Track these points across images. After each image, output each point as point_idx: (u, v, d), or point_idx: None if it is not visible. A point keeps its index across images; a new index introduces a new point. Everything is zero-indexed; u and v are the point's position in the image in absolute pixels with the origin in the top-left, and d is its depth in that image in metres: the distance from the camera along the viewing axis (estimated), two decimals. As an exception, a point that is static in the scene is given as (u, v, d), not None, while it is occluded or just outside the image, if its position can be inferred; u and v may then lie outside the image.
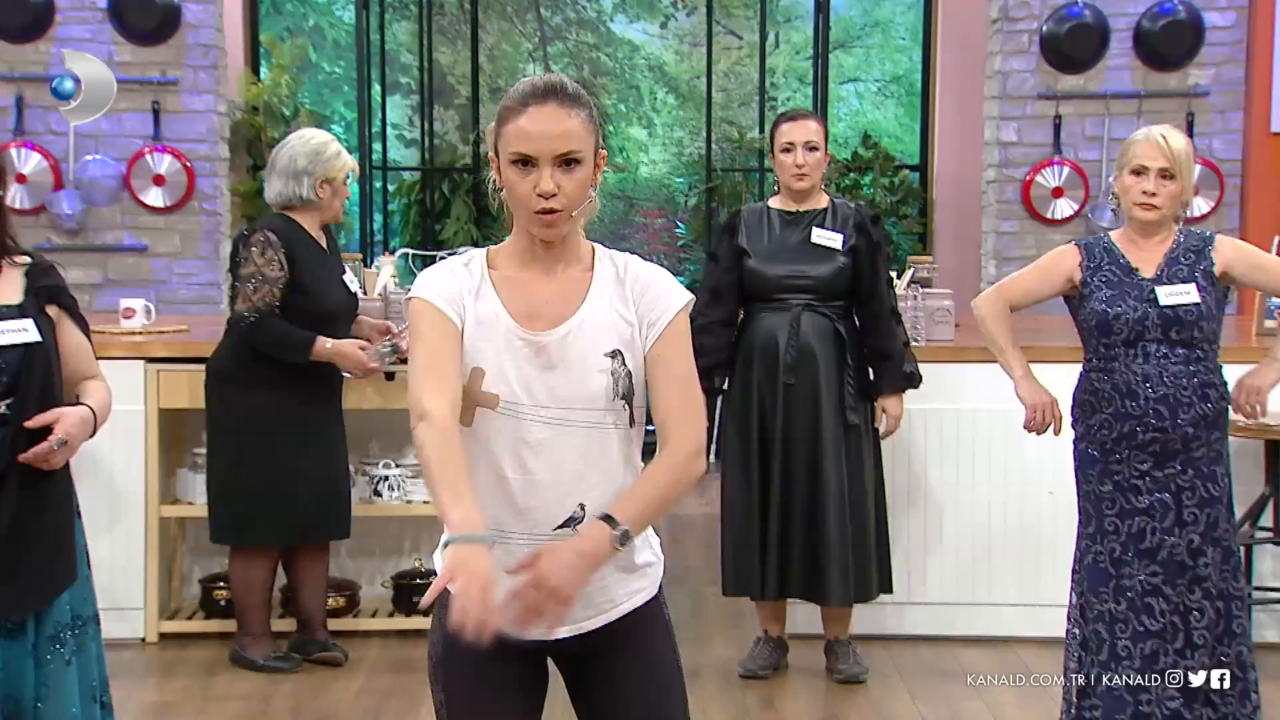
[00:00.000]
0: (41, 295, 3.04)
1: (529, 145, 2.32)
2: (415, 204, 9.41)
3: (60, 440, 2.92)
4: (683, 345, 2.37)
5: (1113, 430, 3.84)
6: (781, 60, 10.20)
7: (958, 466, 5.33)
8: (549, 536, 2.32)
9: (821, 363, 4.67)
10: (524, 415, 2.32)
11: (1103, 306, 3.84)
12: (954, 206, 9.15)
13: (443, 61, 9.86)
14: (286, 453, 4.79)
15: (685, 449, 2.32)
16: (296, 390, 4.79)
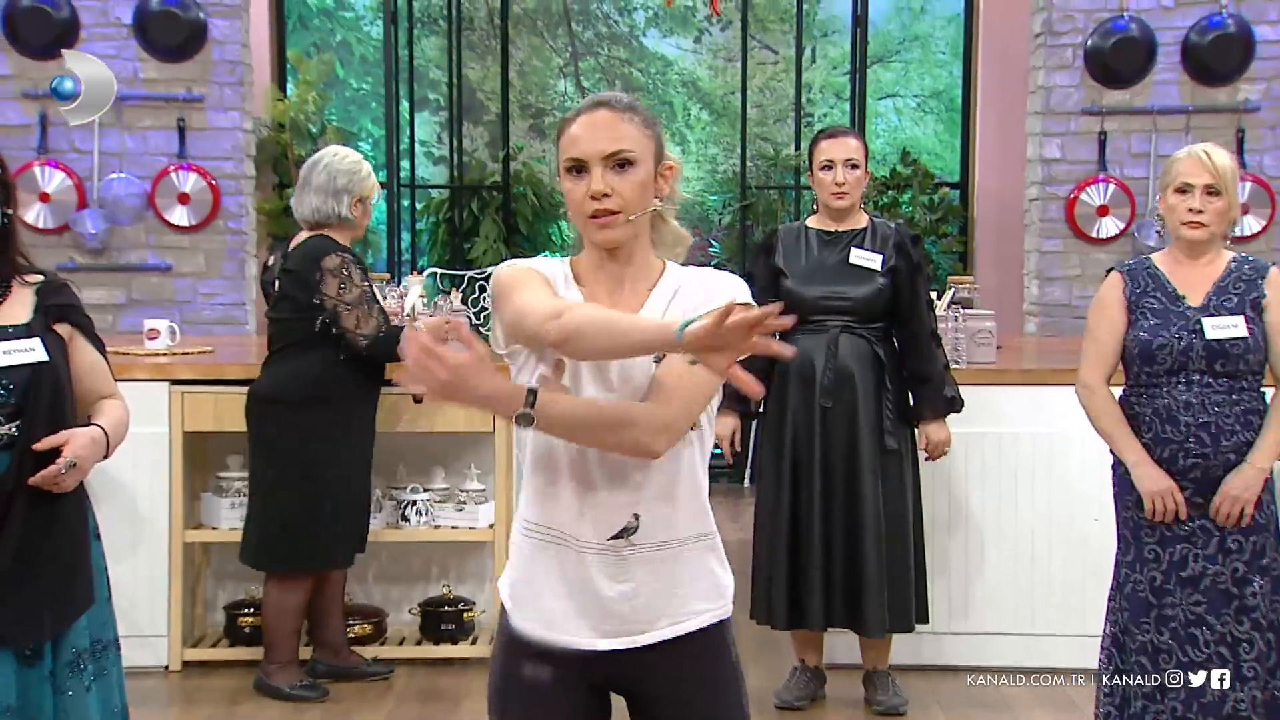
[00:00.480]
0: (51, 314, 3.05)
1: (578, 148, 2.36)
2: (444, 223, 9.46)
3: (69, 462, 2.93)
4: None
5: (1152, 455, 3.82)
6: (818, 75, 10.22)
7: (999, 492, 5.32)
8: (599, 547, 2.35)
9: (860, 386, 4.67)
10: None
11: (1146, 335, 3.82)
12: (995, 225, 9.13)
13: (472, 77, 9.92)
14: (337, 476, 4.87)
15: (645, 416, 2.27)
16: (350, 413, 4.90)
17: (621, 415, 2.27)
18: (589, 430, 2.27)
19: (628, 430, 2.26)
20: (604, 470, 2.34)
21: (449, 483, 5.50)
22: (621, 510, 2.34)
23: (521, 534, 2.43)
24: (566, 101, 10.08)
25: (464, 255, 9.22)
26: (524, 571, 2.42)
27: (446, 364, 2.15)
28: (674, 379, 2.30)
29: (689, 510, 2.40)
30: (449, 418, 5.27)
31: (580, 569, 2.36)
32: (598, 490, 2.35)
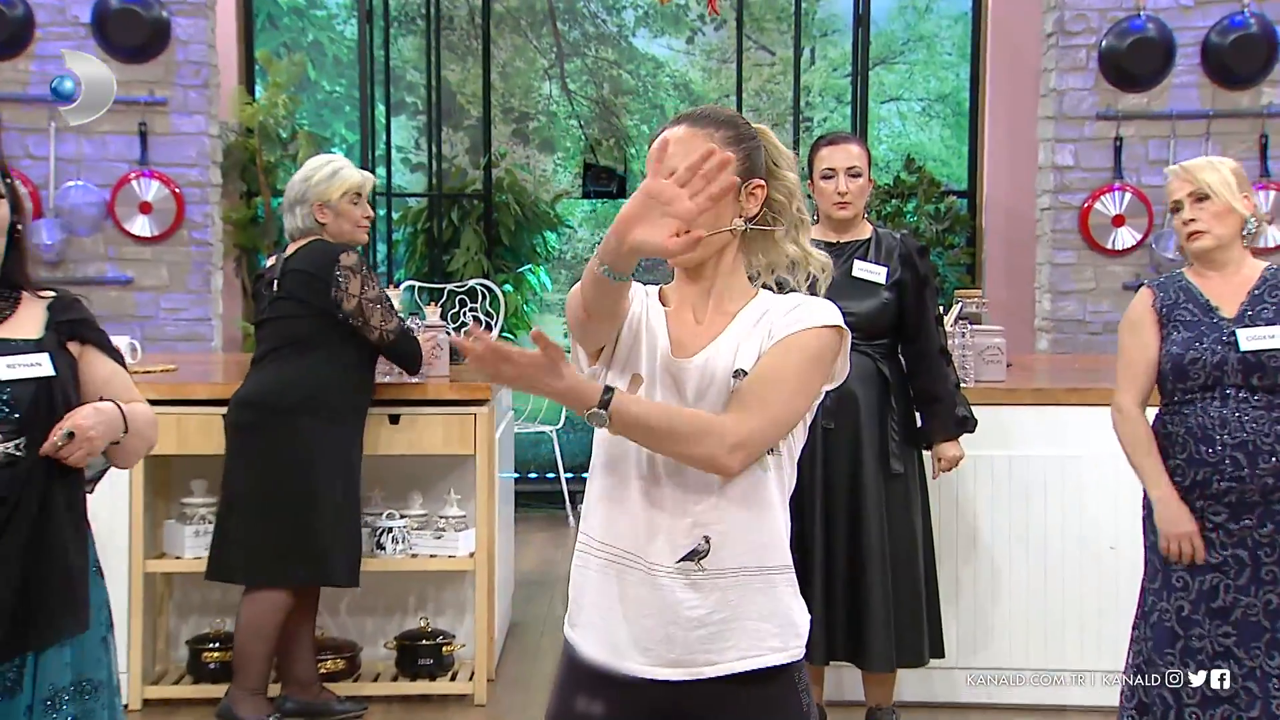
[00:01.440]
0: (63, 330, 3.07)
1: (652, 165, 2.38)
2: (422, 233, 9.46)
3: (66, 432, 2.90)
4: (796, 357, 2.37)
5: (1185, 477, 3.82)
6: (817, 78, 10.25)
7: (1010, 518, 5.32)
8: (668, 569, 2.37)
9: (863, 406, 4.67)
10: None
11: (1178, 350, 3.82)
12: (1005, 236, 9.16)
13: (452, 79, 9.93)
14: (330, 487, 4.92)
15: (722, 429, 2.31)
16: (344, 422, 4.97)
17: (699, 425, 2.31)
18: (663, 437, 2.31)
19: (703, 442, 2.30)
20: (676, 488, 2.38)
21: (427, 508, 5.49)
22: (692, 531, 2.38)
23: (584, 552, 2.46)
24: (551, 105, 10.10)
25: (443, 267, 9.22)
26: (586, 591, 2.46)
27: (516, 363, 2.23)
28: (758, 394, 2.34)
29: (763, 539, 2.42)
30: (427, 439, 5.26)
31: (646, 591, 2.39)
32: (668, 509, 2.38)
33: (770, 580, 2.44)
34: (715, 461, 2.31)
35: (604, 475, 2.43)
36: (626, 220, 2.15)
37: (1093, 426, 5.15)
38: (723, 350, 2.42)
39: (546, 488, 9.28)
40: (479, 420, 5.30)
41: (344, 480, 4.94)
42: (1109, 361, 6.33)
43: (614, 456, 2.41)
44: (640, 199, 2.15)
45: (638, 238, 2.15)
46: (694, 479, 2.37)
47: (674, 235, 2.14)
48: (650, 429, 2.30)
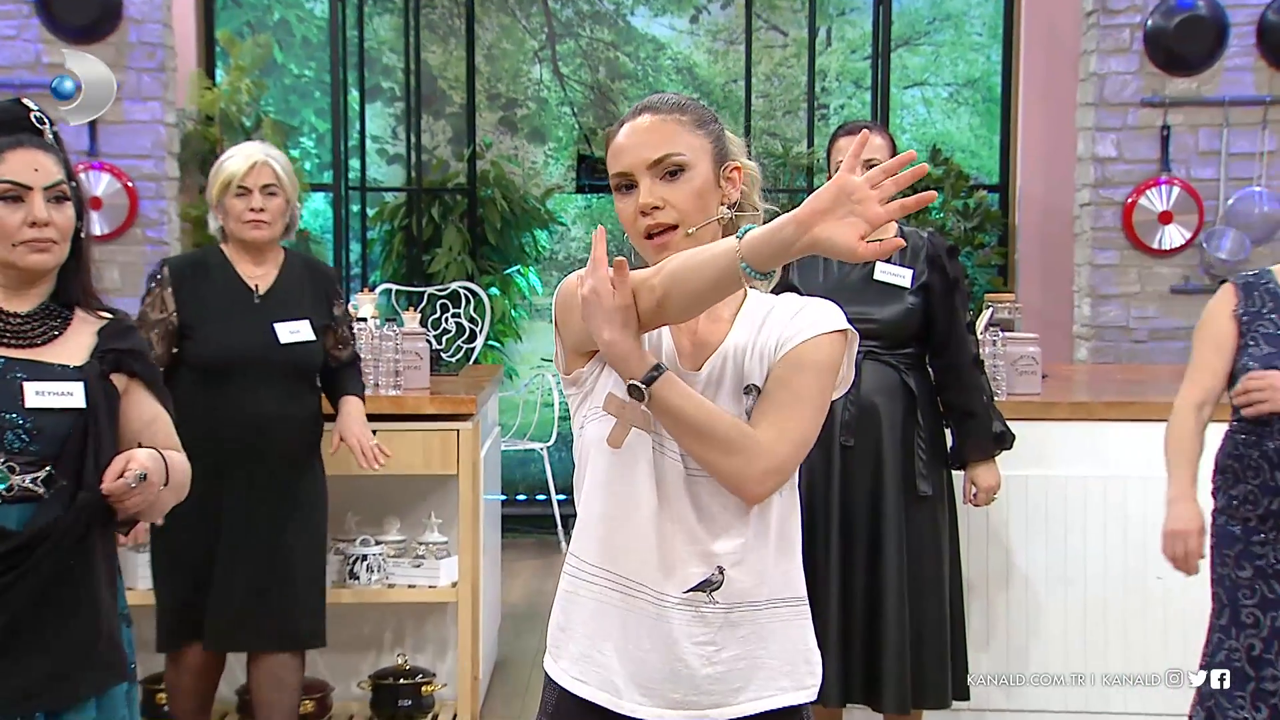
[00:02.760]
0: (108, 360, 3.01)
1: (622, 161, 2.44)
2: (399, 231, 9.46)
3: (140, 474, 2.83)
4: (813, 371, 2.39)
5: (1258, 505, 3.77)
6: (834, 61, 10.25)
7: (1046, 546, 5.32)
8: (677, 601, 2.37)
9: (885, 421, 4.66)
10: (668, 453, 2.39)
11: (1255, 364, 3.78)
12: (1040, 234, 9.16)
13: (432, 63, 9.93)
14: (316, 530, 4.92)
15: (756, 448, 2.33)
16: (318, 449, 4.92)
17: (737, 436, 2.33)
18: (696, 435, 2.32)
19: (736, 456, 2.32)
20: (690, 511, 2.39)
21: (405, 534, 5.49)
22: (705, 560, 2.38)
23: (577, 577, 2.46)
24: (542, 90, 10.11)
25: (423, 269, 9.22)
26: (578, 621, 2.45)
27: (603, 286, 2.28)
28: (786, 416, 2.36)
29: (779, 568, 2.44)
30: (404, 458, 5.26)
31: (649, 624, 2.39)
32: (680, 533, 2.38)
33: (786, 614, 2.44)
34: (742, 480, 2.33)
35: (605, 492, 2.43)
36: (815, 213, 2.13)
37: (1137, 444, 5.16)
38: (728, 361, 2.43)
39: (536, 511, 9.28)
40: (462, 437, 5.30)
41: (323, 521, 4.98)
42: (1154, 372, 6.34)
43: (618, 473, 2.41)
44: (833, 192, 2.13)
45: (826, 234, 2.12)
46: (710, 501, 2.38)
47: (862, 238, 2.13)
48: (686, 422, 2.32)
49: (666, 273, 2.29)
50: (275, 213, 4.78)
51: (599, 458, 2.43)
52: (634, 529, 2.39)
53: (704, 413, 2.32)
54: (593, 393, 2.45)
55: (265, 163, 4.78)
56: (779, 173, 9.62)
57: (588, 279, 2.29)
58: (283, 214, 4.81)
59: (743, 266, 2.19)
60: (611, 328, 2.28)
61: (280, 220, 4.80)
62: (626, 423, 2.39)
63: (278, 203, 4.78)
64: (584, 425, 2.47)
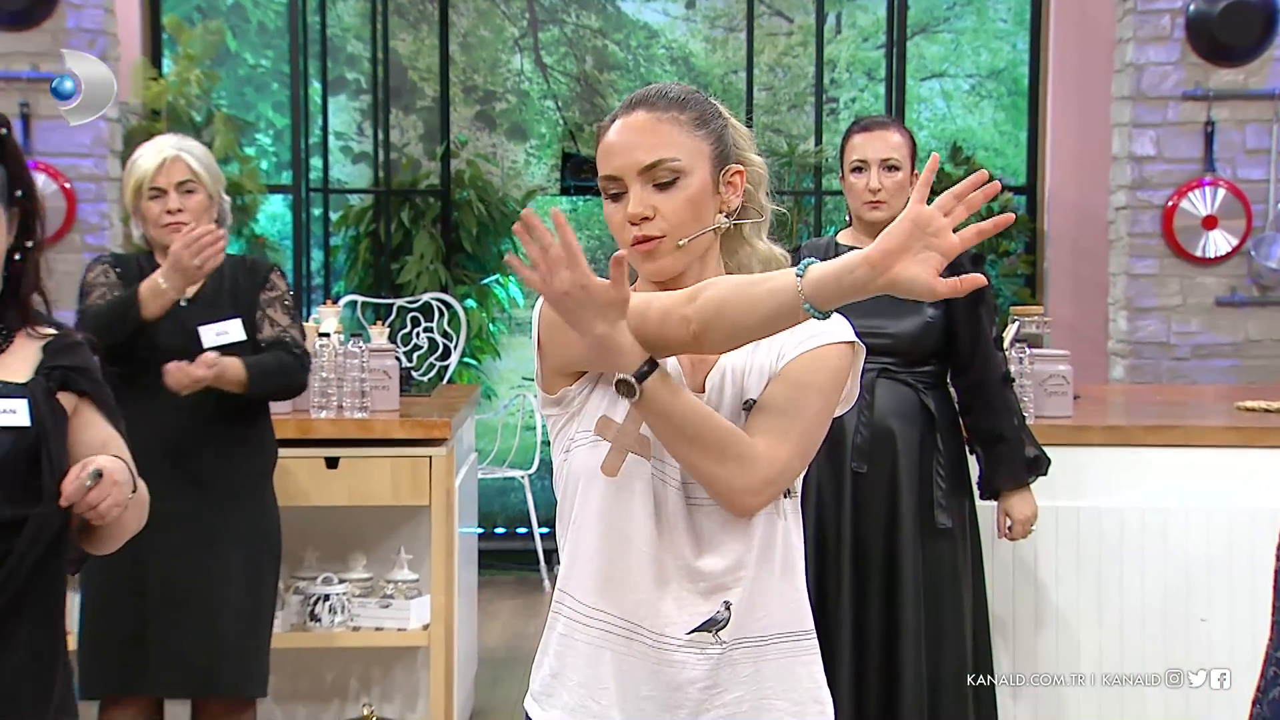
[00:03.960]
0: (54, 377, 3.01)
1: (611, 163, 2.45)
2: (365, 237, 9.46)
3: (95, 471, 2.79)
4: (816, 380, 2.41)
5: None
6: (844, 50, 10.27)
7: (1078, 583, 5.32)
8: (680, 643, 2.38)
9: (902, 446, 4.67)
10: (669, 481, 2.40)
11: None
12: (1072, 241, 9.18)
13: (402, 52, 9.95)
14: None
15: (753, 456, 2.34)
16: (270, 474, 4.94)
17: (731, 441, 2.34)
18: (689, 439, 2.33)
19: (730, 462, 2.33)
20: (692, 543, 2.40)
21: (371, 571, 5.49)
22: (710, 596, 2.39)
23: (571, 619, 2.46)
24: (523, 83, 10.12)
25: (391, 279, 9.22)
26: (572, 670, 2.45)
27: (581, 274, 2.24)
28: (783, 424, 2.38)
29: (785, 600, 2.46)
30: (371, 487, 5.26)
31: (648, 669, 2.40)
32: (681, 568, 2.39)
33: (795, 650, 2.46)
34: (735, 490, 2.34)
35: (596, 524, 2.43)
36: (889, 253, 2.16)
37: (1179, 472, 5.17)
38: (728, 377, 2.45)
39: (517, 545, 9.28)
40: (435, 464, 5.30)
41: None
42: (1198, 393, 6.35)
43: (613, 503, 2.41)
44: (906, 227, 2.17)
45: (905, 275, 2.17)
46: (714, 533, 2.39)
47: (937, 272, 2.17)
48: (679, 425, 2.32)
49: (707, 303, 2.29)
50: (195, 212, 4.73)
51: (591, 487, 2.43)
52: (632, 565, 2.40)
53: (697, 414, 2.33)
54: (580, 414, 2.45)
55: (177, 157, 4.74)
56: (784, 172, 9.61)
57: (564, 272, 2.25)
58: (205, 211, 4.75)
59: (805, 308, 2.22)
60: (605, 321, 2.26)
61: (203, 219, 4.73)
62: (622, 448, 2.40)
63: (197, 200, 4.74)
64: (570, 450, 2.46)
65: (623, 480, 2.39)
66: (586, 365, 2.44)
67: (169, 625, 4.67)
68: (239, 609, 4.76)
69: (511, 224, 9.47)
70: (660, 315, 2.32)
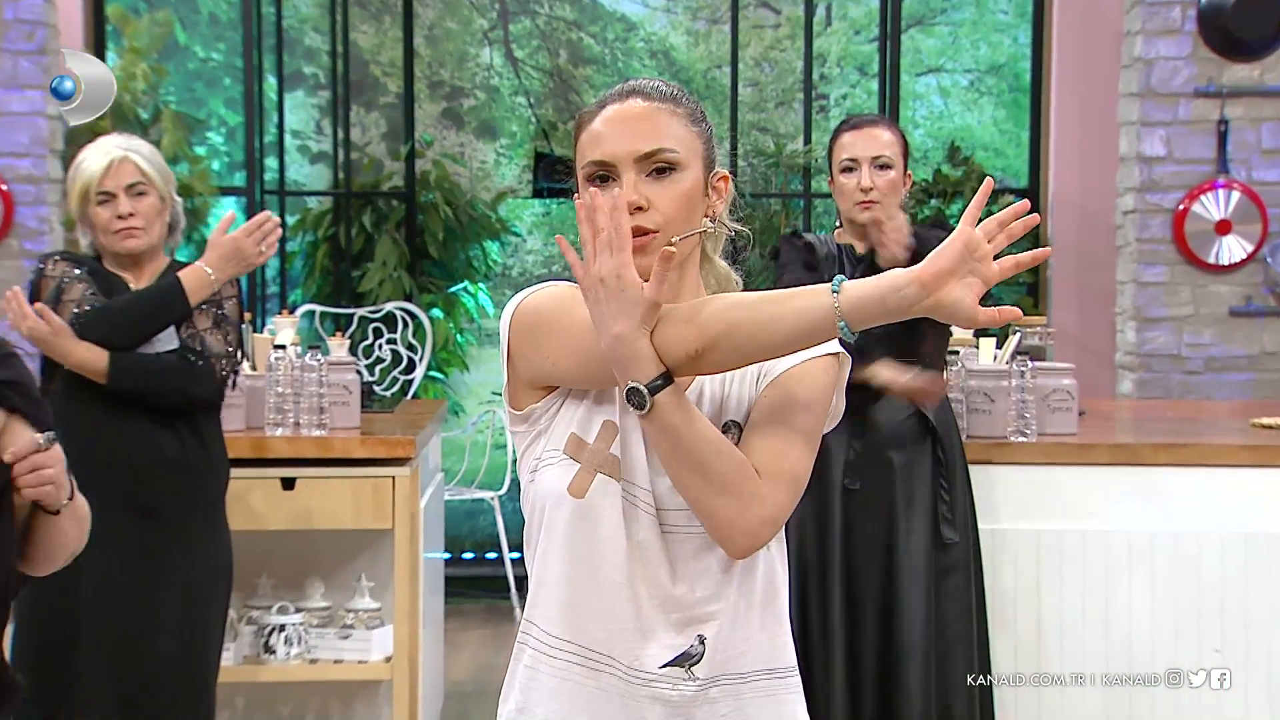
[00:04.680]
0: None
1: (603, 148, 2.44)
2: (324, 242, 9.45)
3: (51, 435, 2.87)
4: (805, 400, 2.41)
5: None
6: (835, 43, 10.29)
7: (1084, 612, 5.33)
8: (651, 677, 2.38)
9: (898, 458, 4.68)
10: (640, 504, 2.40)
11: None
12: (1077, 247, 9.19)
13: (363, 45, 9.94)
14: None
15: (756, 493, 2.33)
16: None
17: (739, 475, 2.33)
18: (694, 464, 2.32)
19: (732, 497, 2.32)
20: (666, 571, 2.39)
21: (330, 600, 5.47)
22: (684, 628, 2.39)
23: (537, 650, 2.46)
24: (492, 78, 10.12)
25: (352, 287, 9.22)
26: (538, 705, 2.45)
27: (614, 262, 2.27)
28: (779, 455, 2.37)
29: (767, 634, 2.45)
30: (330, 510, 5.25)
31: (620, 705, 2.40)
32: (655, 598, 2.39)
33: (776, 688, 2.45)
34: (733, 528, 2.33)
35: (566, 551, 2.42)
36: (941, 274, 2.20)
37: (1191, 493, 5.18)
38: (704, 393, 2.45)
39: (486, 571, 9.26)
40: (398, 485, 5.29)
41: None
42: (1211, 409, 6.36)
43: (581, 527, 2.41)
44: (958, 248, 2.21)
45: (951, 297, 2.20)
46: (689, 560, 2.39)
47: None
48: (687, 449, 2.31)
49: (713, 320, 2.29)
50: (148, 215, 4.73)
51: (558, 510, 2.42)
52: (601, 594, 2.39)
53: (709, 441, 2.32)
54: (548, 432, 2.45)
55: (125, 158, 4.73)
56: (770, 174, 9.63)
57: (605, 259, 2.27)
58: (158, 215, 4.75)
59: (841, 327, 2.23)
60: (628, 321, 2.27)
61: (157, 223, 4.74)
62: (591, 468, 2.40)
63: (148, 203, 4.73)
64: (537, 471, 2.46)
65: (591, 503, 2.39)
66: (565, 379, 2.43)
67: (101, 650, 4.65)
68: (181, 638, 4.74)
69: (480, 229, 9.49)
70: (657, 331, 2.31)
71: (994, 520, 5.22)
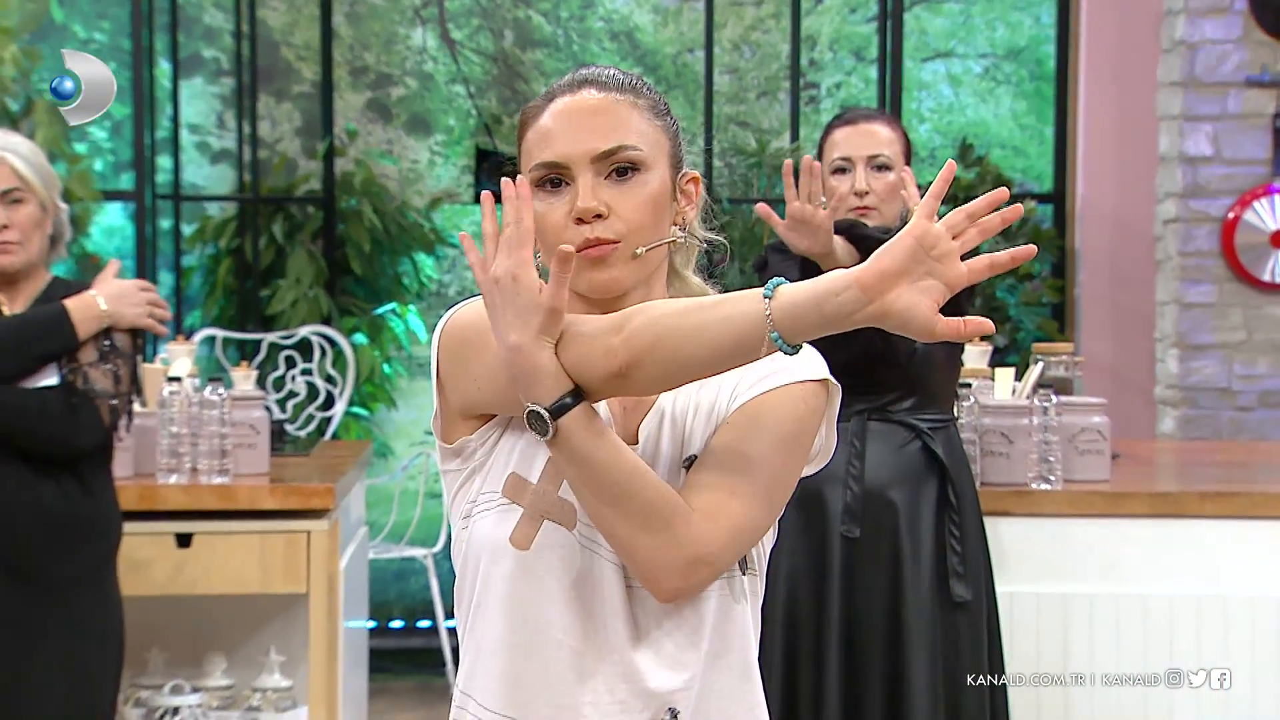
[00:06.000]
0: None
1: (554, 148, 2.43)
2: (227, 256, 9.43)
3: None
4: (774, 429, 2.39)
5: None
6: (826, 23, 10.32)
7: (1118, 688, 5.34)
8: None
9: (903, 503, 4.69)
10: (603, 554, 2.39)
11: None
12: (1109, 261, 9.22)
13: (274, 24, 9.94)
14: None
15: (685, 529, 2.31)
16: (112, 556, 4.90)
17: (662, 507, 2.31)
18: (612, 498, 2.30)
19: (658, 533, 2.30)
20: (625, 635, 2.38)
21: (233, 677, 5.47)
22: (647, 701, 2.38)
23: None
24: (425, 63, 10.13)
25: (260, 308, 9.20)
26: None
27: (509, 261, 2.29)
28: (725, 488, 2.35)
29: (746, 706, 2.46)
30: (233, 571, 5.24)
31: None
32: (610, 667, 2.39)
33: None
34: (659, 567, 2.32)
35: (503, 610, 2.41)
36: (885, 275, 2.15)
37: (1244, 550, 5.20)
38: (665, 422, 2.44)
39: (418, 642, 9.25)
40: (314, 542, 5.29)
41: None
42: (1266, 452, 6.39)
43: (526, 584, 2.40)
44: (908, 245, 2.15)
45: (901, 304, 2.15)
46: (655, 622, 2.39)
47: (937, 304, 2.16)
48: (599, 479, 2.29)
49: (639, 331, 2.27)
50: (25, 227, 4.69)
51: (496, 564, 2.41)
52: (549, 662, 2.39)
53: (624, 467, 2.30)
54: (484, 470, 2.44)
55: (1, 159, 4.70)
56: (751, 176, 9.64)
57: (502, 257, 2.28)
58: (37, 226, 4.72)
59: (773, 338, 2.20)
60: (524, 330, 2.25)
61: (35, 236, 4.71)
62: (536, 514, 2.39)
63: (26, 213, 4.70)
64: (471, 516, 2.45)
65: (538, 555, 2.38)
66: (496, 405, 2.43)
67: None
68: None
69: (412, 240, 9.46)
70: (577, 344, 2.29)
71: (1012, 581, 5.22)
